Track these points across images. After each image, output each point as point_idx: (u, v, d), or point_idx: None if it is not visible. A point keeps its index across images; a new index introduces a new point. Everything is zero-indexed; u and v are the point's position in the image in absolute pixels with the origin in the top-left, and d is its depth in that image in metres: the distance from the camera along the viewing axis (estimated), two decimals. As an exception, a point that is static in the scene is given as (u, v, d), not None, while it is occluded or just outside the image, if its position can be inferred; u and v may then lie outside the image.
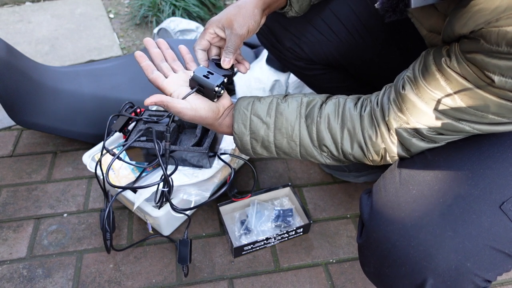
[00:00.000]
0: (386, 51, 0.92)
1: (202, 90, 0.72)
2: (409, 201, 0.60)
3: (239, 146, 0.75)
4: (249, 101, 0.73)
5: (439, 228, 0.56)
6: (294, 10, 0.83)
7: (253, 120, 0.72)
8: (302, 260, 1.06)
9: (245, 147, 0.75)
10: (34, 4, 2.22)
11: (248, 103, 0.73)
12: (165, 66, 0.77)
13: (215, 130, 0.77)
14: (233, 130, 0.73)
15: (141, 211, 1.04)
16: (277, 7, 0.81)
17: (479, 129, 0.58)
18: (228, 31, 0.73)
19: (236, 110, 0.73)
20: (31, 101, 1.22)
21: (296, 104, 0.71)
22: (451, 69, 0.55)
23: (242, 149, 0.76)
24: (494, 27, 0.47)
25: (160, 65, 0.77)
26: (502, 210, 0.56)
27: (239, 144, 0.75)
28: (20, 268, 1.04)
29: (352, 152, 0.68)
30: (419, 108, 0.59)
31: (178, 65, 0.78)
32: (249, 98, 0.75)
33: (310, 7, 0.89)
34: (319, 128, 0.69)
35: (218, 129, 0.76)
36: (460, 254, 0.55)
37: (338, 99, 0.71)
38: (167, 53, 0.79)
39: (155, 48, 0.78)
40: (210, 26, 0.75)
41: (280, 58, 1.02)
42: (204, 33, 0.75)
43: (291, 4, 0.82)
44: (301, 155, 0.73)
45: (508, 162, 0.59)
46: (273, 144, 0.72)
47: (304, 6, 0.85)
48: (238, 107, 0.73)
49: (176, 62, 0.78)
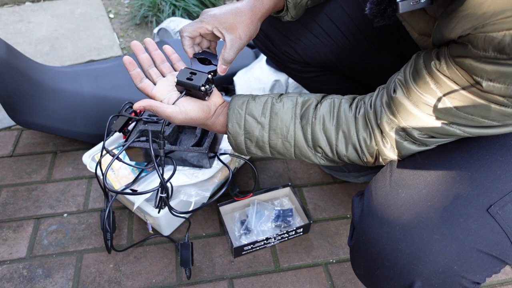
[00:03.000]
0: (381, 53, 0.93)
1: (190, 93, 0.71)
2: (398, 205, 0.61)
3: (233, 146, 0.75)
4: (244, 100, 0.72)
5: (426, 231, 0.57)
6: (290, 15, 0.84)
7: (247, 120, 0.71)
8: (302, 260, 1.06)
9: (239, 147, 0.74)
10: (34, 4, 2.22)
11: (242, 102, 0.72)
12: (153, 72, 0.75)
13: (210, 129, 0.76)
14: (227, 130, 0.72)
15: (141, 211, 1.04)
16: (274, 11, 0.81)
17: (470, 132, 0.58)
18: (230, 36, 0.71)
19: (231, 109, 0.72)
20: (31, 101, 1.22)
21: (291, 104, 0.70)
22: (440, 72, 0.56)
23: (236, 149, 0.75)
24: (481, 33, 0.48)
25: (148, 71, 0.76)
26: (490, 213, 0.56)
27: (233, 144, 0.74)
28: (20, 268, 1.04)
29: (347, 154, 0.68)
30: (410, 111, 0.60)
31: (166, 67, 0.77)
32: (244, 96, 0.73)
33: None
34: (314, 129, 0.69)
35: (212, 128, 0.75)
36: (447, 257, 0.56)
37: (333, 99, 0.70)
38: (155, 55, 0.77)
39: (143, 54, 0.75)
40: (209, 22, 0.72)
41: (276, 61, 1.02)
42: (200, 26, 0.72)
43: (287, 9, 0.82)
44: (296, 156, 0.73)
45: (496, 165, 0.60)
46: (268, 144, 0.72)
47: (301, 12, 0.85)
48: (232, 106, 0.72)
49: (164, 64, 0.77)
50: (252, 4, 0.74)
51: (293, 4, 0.81)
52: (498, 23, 0.46)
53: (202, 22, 0.72)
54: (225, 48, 0.72)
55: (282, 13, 0.83)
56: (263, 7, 0.75)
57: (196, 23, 0.73)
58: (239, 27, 0.72)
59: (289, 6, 0.81)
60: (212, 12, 0.72)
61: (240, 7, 0.73)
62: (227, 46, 0.72)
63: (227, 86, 1.52)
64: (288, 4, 0.81)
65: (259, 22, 0.75)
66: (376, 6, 0.62)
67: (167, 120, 0.70)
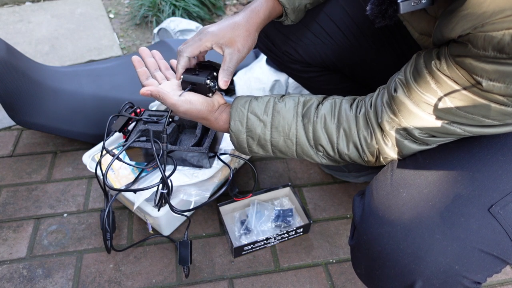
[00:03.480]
0: (381, 52, 0.93)
1: (195, 88, 0.74)
2: (399, 204, 0.61)
3: (235, 144, 0.76)
4: (247, 100, 0.74)
5: (428, 231, 0.57)
6: (290, 19, 0.85)
7: (250, 118, 0.72)
8: (302, 260, 1.06)
9: (241, 145, 0.75)
10: (34, 4, 2.22)
11: (245, 102, 0.74)
12: (159, 75, 0.80)
13: (211, 126, 0.77)
14: (229, 128, 0.73)
15: (141, 211, 1.04)
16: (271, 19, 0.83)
17: (471, 131, 0.59)
18: (229, 50, 0.74)
19: (233, 107, 0.73)
20: (31, 101, 1.22)
21: (293, 103, 0.72)
22: (441, 72, 0.56)
23: (238, 147, 0.76)
24: (480, 32, 0.48)
25: (154, 74, 0.80)
26: (491, 213, 0.56)
27: (235, 142, 0.75)
28: (20, 268, 1.04)
29: (348, 152, 0.69)
30: (411, 110, 0.60)
31: (171, 74, 0.81)
32: (246, 97, 0.75)
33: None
34: (315, 127, 0.69)
35: (214, 124, 0.76)
36: (449, 257, 0.56)
37: (334, 99, 0.71)
38: (161, 63, 0.82)
39: (150, 58, 0.81)
40: (208, 40, 0.73)
41: (276, 61, 1.03)
42: (200, 45, 0.74)
43: (287, 15, 0.83)
44: (297, 154, 0.73)
45: (497, 165, 0.60)
46: (270, 142, 0.73)
47: (300, 15, 0.86)
48: (235, 105, 0.73)
49: (169, 71, 0.81)
50: (248, 16, 0.76)
51: (291, 9, 0.82)
52: (498, 22, 0.46)
53: (201, 40, 0.74)
54: (225, 62, 0.74)
55: (282, 19, 0.85)
56: (258, 17, 0.77)
57: (195, 42, 0.74)
58: (237, 40, 0.74)
59: (288, 12, 0.82)
60: (210, 29, 0.74)
61: (236, 21, 0.75)
62: (227, 60, 0.74)
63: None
64: (286, 11, 0.82)
65: (256, 32, 0.77)
66: (377, 7, 0.62)
67: (172, 108, 0.72)
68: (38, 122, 1.24)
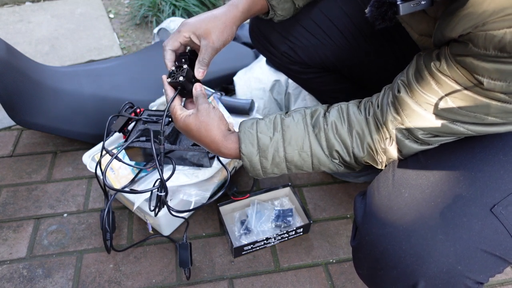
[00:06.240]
0: (380, 53, 0.93)
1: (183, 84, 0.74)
2: (401, 205, 0.61)
3: (248, 168, 0.72)
4: (252, 122, 0.72)
5: (430, 231, 0.57)
6: (280, 14, 0.85)
7: (260, 138, 0.70)
8: (302, 260, 1.06)
9: (255, 167, 0.72)
10: (34, 4, 2.22)
11: (252, 124, 0.72)
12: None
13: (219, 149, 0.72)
14: (240, 152, 0.70)
15: (141, 211, 1.04)
16: (254, 14, 0.83)
17: (473, 130, 0.58)
18: (204, 41, 0.74)
19: (241, 131, 0.71)
20: (31, 101, 1.22)
21: (300, 116, 0.71)
22: (441, 72, 0.56)
23: (251, 170, 0.73)
24: (481, 31, 0.48)
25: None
26: (493, 213, 0.56)
27: (248, 165, 0.72)
28: (20, 268, 1.04)
29: (364, 155, 0.68)
30: (414, 110, 0.60)
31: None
32: (251, 119, 0.73)
33: (301, 10, 0.90)
34: (328, 135, 0.69)
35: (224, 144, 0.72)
36: (451, 257, 0.56)
37: (339, 105, 0.71)
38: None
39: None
40: (186, 30, 0.75)
41: (275, 63, 1.02)
42: (178, 36, 0.76)
43: (273, 10, 0.83)
44: (313, 166, 0.72)
45: (499, 165, 0.60)
46: (284, 159, 0.71)
47: (287, 8, 0.86)
48: (242, 129, 0.71)
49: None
50: (227, 9, 0.78)
51: (276, 1, 0.82)
52: (498, 21, 0.46)
53: (180, 32, 0.76)
54: (201, 53, 0.75)
55: (270, 14, 0.84)
56: (237, 11, 0.78)
57: (174, 34, 0.77)
58: (213, 31, 0.75)
59: (274, 7, 0.82)
60: (189, 20, 0.76)
61: (215, 13, 0.76)
62: (202, 51, 0.75)
63: (227, 86, 1.52)
64: (271, 2, 0.82)
65: (234, 26, 0.78)
66: (377, 9, 0.62)
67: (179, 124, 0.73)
68: (38, 122, 1.24)
